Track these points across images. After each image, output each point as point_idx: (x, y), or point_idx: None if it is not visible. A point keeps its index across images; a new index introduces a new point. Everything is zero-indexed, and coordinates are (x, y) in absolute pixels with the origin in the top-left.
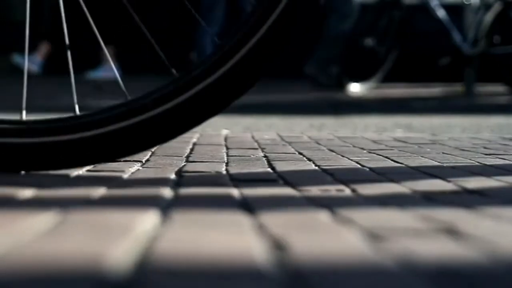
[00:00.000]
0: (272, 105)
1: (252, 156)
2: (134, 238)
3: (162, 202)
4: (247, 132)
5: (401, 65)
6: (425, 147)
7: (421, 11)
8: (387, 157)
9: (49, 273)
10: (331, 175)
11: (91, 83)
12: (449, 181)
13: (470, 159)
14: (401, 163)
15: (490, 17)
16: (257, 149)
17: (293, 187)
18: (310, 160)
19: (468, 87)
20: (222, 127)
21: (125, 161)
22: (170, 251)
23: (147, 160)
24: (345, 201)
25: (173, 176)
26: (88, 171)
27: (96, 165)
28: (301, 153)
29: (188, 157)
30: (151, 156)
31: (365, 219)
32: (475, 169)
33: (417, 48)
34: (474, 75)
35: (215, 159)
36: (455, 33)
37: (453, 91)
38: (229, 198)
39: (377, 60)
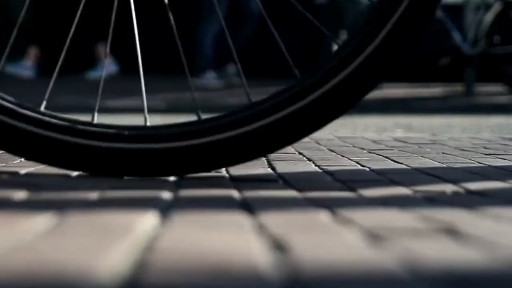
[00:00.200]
0: None
1: None
2: (134, 238)
3: (162, 202)
4: None
5: (401, 65)
6: (425, 147)
7: None
8: (387, 157)
9: (43, 277)
10: (331, 175)
11: (92, 83)
12: (449, 181)
13: (470, 159)
14: (401, 163)
15: (490, 17)
16: None
17: (293, 187)
18: (310, 160)
19: (468, 87)
20: None
21: None
22: (170, 251)
23: None
24: (345, 201)
25: (173, 176)
26: None
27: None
28: (301, 153)
29: None
30: None
31: (365, 219)
32: (475, 169)
33: (417, 48)
34: (474, 75)
35: None
36: (455, 33)
37: (453, 91)
38: (229, 198)
39: None
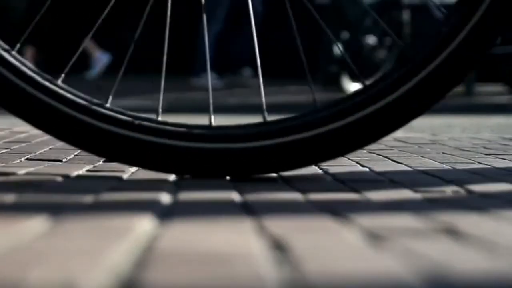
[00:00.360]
0: (271, 106)
1: None
2: (134, 238)
3: (162, 202)
4: None
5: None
6: (425, 147)
7: (421, 11)
8: (387, 157)
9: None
10: (331, 175)
11: (94, 83)
12: (449, 181)
13: (470, 159)
14: (401, 163)
15: None
16: None
17: (293, 187)
18: None
19: (468, 87)
20: None
21: None
22: (170, 251)
23: None
24: (345, 201)
25: (173, 176)
26: (88, 171)
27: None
28: None
29: None
30: None
31: (365, 219)
32: (475, 169)
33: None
34: (474, 75)
35: None
36: None
37: (453, 91)
38: (229, 198)
39: (377, 60)
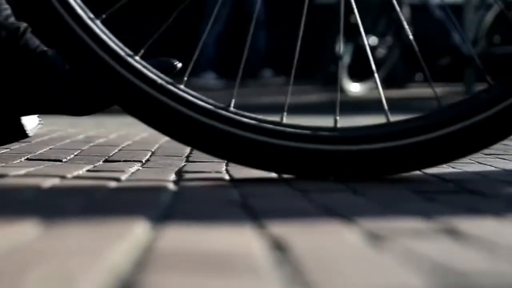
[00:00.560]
0: (270, 106)
1: None
2: (133, 238)
3: (161, 202)
4: None
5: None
6: None
7: (421, 11)
8: None
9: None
10: None
11: None
12: (449, 181)
13: (470, 159)
14: None
15: (490, 17)
16: None
17: (293, 187)
18: None
19: (468, 87)
20: None
21: (125, 161)
22: (170, 251)
23: (147, 160)
24: (346, 201)
25: (173, 176)
26: (88, 171)
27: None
28: None
29: (188, 157)
30: (151, 156)
31: (365, 219)
32: (475, 169)
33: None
34: (474, 75)
35: (215, 159)
36: (455, 33)
37: (453, 91)
38: (229, 198)
39: (377, 60)
